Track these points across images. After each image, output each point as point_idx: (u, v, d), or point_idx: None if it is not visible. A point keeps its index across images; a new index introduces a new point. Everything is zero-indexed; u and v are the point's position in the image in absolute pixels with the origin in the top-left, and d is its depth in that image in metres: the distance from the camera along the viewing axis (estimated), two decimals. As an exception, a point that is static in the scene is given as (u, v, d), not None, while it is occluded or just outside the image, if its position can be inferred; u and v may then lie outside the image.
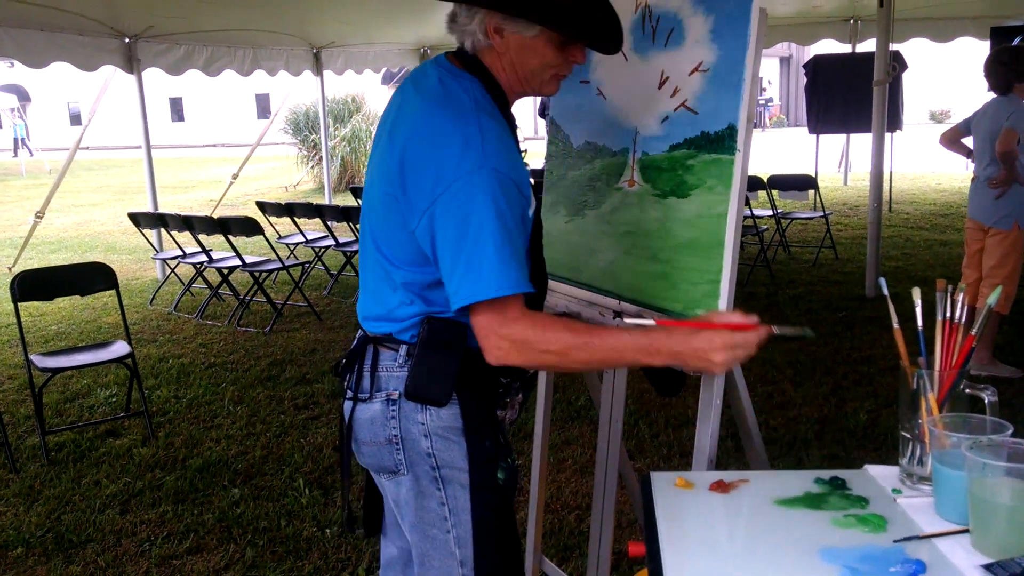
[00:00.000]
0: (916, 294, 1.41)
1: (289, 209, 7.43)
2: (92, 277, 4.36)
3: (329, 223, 7.51)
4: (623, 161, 1.90)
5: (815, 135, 11.54)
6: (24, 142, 28.94)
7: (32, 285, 4.13)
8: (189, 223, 6.45)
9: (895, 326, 1.44)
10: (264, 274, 6.55)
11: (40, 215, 8.44)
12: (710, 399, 1.70)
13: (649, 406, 4.17)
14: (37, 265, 7.93)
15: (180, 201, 14.95)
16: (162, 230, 7.45)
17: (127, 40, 7.39)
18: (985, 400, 1.30)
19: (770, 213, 7.58)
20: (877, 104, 6.18)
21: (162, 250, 7.76)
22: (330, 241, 7.30)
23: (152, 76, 7.99)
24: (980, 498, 1.14)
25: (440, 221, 1.38)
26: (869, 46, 8.19)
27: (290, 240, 7.66)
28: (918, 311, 1.40)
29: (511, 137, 1.48)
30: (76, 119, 38.25)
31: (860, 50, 10.12)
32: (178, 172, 22.27)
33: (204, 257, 6.60)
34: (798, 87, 32.20)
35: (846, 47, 10.45)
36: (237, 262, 6.36)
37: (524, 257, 1.41)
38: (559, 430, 3.95)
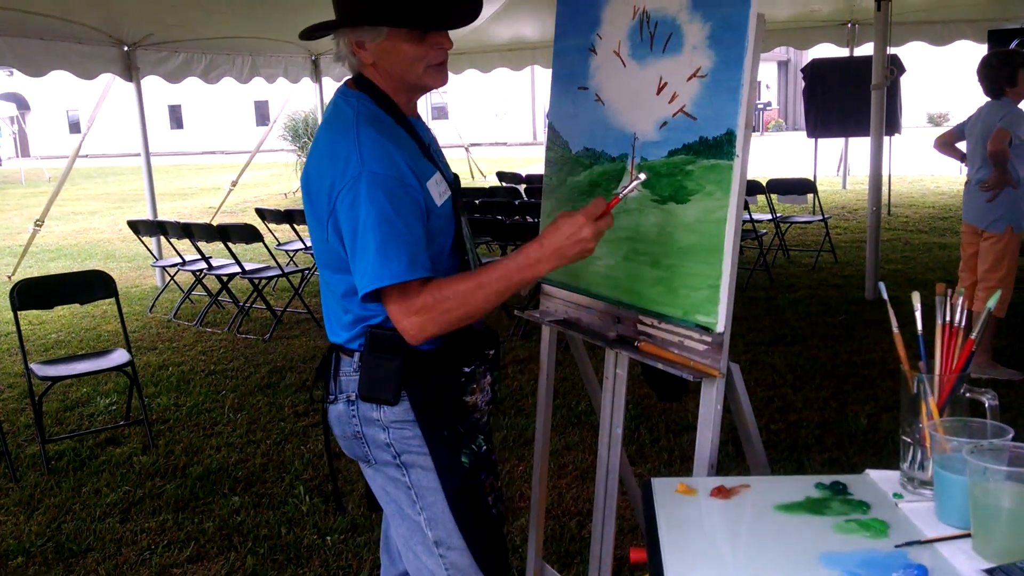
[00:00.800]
0: (916, 298, 1.41)
1: (288, 216, 7.41)
2: (91, 285, 4.36)
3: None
4: (622, 167, 1.91)
5: (813, 139, 11.57)
6: None
7: (31, 294, 4.12)
8: (188, 230, 6.46)
9: (895, 330, 1.44)
10: (264, 281, 6.54)
11: (39, 223, 8.44)
12: (711, 404, 1.70)
13: (650, 411, 4.17)
14: (36, 273, 7.95)
15: (179, 208, 14.98)
16: (161, 238, 7.45)
17: (126, 48, 7.42)
18: (985, 404, 1.30)
19: (769, 217, 7.58)
20: (875, 108, 6.19)
21: (161, 258, 7.77)
22: (329, 247, 7.28)
23: (151, 84, 8.01)
24: (981, 502, 1.14)
25: (341, 226, 1.54)
26: (867, 50, 8.19)
27: (289, 247, 7.65)
28: (918, 315, 1.41)
29: (396, 139, 1.57)
30: (75, 127, 38.39)
31: (858, 54, 10.14)
32: (177, 179, 22.31)
33: (203, 264, 6.60)
34: (796, 91, 32.30)
35: (844, 51, 10.47)
36: (236, 269, 6.36)
37: (419, 243, 1.51)
38: (560, 436, 3.95)
